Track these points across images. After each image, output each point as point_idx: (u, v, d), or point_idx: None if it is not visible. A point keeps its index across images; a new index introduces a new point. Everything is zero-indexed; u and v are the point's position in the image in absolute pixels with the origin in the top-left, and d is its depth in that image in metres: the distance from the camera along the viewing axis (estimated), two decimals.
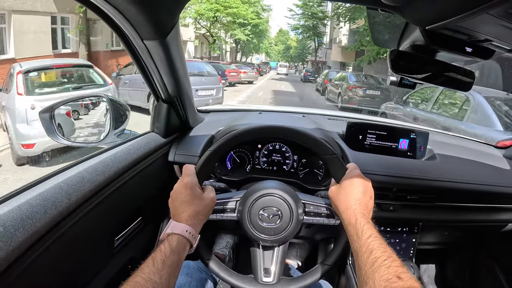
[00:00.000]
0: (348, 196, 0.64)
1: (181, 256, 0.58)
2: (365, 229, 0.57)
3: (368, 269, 0.50)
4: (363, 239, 0.55)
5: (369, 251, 0.53)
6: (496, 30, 0.55)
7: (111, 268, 0.85)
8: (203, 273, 0.86)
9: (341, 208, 0.64)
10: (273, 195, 0.70)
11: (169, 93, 0.95)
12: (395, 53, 0.71)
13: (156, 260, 0.53)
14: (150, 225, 1.02)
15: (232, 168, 1.09)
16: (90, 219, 0.68)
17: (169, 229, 0.60)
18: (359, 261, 0.54)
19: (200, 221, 0.64)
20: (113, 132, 1.03)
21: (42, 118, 0.95)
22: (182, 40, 0.82)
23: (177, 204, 0.64)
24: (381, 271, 0.49)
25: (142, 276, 0.50)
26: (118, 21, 0.69)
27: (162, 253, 0.55)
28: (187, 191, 0.64)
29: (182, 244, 0.58)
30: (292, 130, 0.71)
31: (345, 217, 0.62)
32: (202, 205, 0.65)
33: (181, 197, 0.64)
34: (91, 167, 0.74)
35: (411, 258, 1.10)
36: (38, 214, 0.56)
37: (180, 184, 0.66)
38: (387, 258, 0.50)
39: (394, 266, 0.49)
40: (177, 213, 0.63)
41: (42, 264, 0.57)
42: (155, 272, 0.51)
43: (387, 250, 0.52)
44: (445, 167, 1.05)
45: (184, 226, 0.60)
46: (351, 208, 0.62)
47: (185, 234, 0.59)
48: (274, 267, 0.71)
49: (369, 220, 0.60)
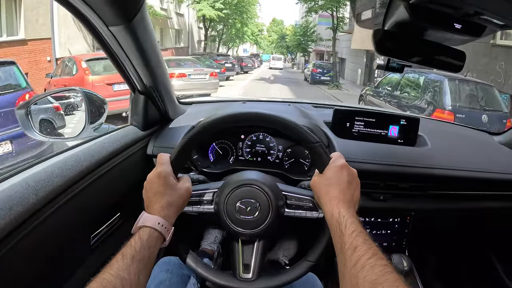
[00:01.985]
0: (331, 186, 0.60)
1: (152, 250, 0.54)
2: (348, 223, 0.53)
3: (351, 267, 0.47)
4: (346, 235, 0.52)
5: (352, 247, 0.49)
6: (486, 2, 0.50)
7: (89, 267, 0.82)
8: (185, 269, 0.83)
9: (323, 200, 0.60)
10: (251, 186, 0.66)
11: (144, 83, 0.90)
12: (380, 33, 0.67)
13: (125, 255, 0.50)
14: (130, 221, 0.98)
15: (215, 160, 1.05)
16: (61, 215, 0.65)
17: (140, 222, 0.57)
18: (341, 258, 0.51)
19: (174, 212, 0.60)
20: (89, 126, 0.98)
21: (18, 114, 0.92)
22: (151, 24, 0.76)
23: (149, 195, 0.61)
24: (365, 271, 0.45)
25: (111, 272, 0.47)
26: (79, 7, 0.64)
27: (132, 247, 0.51)
28: (160, 180, 0.60)
29: (154, 238, 0.55)
30: (271, 116, 0.66)
31: (327, 210, 0.58)
32: (176, 196, 0.61)
33: (154, 187, 0.60)
34: (61, 161, 0.71)
35: (403, 250, 1.07)
36: (2, 211, 0.53)
37: (153, 174, 0.62)
38: (371, 256, 0.47)
39: (379, 265, 0.45)
40: (149, 204, 0.60)
41: (8, 264, 0.53)
42: (124, 268, 0.48)
43: (371, 247, 0.49)
44: (437, 154, 1.01)
45: (156, 218, 0.57)
46: (335, 199, 0.58)
47: (157, 226, 0.56)
48: (254, 263, 0.67)
49: (353, 213, 0.56)
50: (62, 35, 9.61)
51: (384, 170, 0.94)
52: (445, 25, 0.59)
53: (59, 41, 9.61)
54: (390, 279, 0.43)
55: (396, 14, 0.63)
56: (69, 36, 9.79)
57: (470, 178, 0.99)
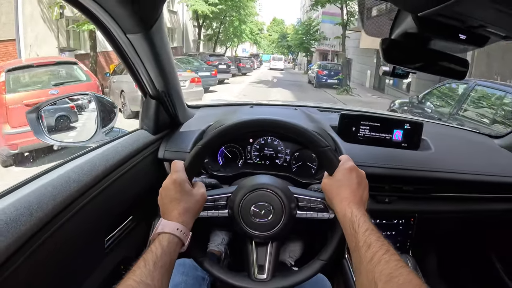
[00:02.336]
0: (342, 188, 0.63)
1: (173, 256, 0.56)
2: (361, 222, 0.56)
3: (367, 263, 0.50)
4: (360, 233, 0.54)
5: (366, 245, 0.52)
6: (491, 15, 0.53)
7: (104, 269, 0.83)
8: (199, 271, 0.84)
9: (335, 201, 0.63)
10: (264, 190, 0.68)
11: (156, 88, 0.92)
12: (387, 42, 0.69)
13: (147, 261, 0.51)
14: (141, 224, 1.00)
15: (224, 163, 1.07)
16: (78, 220, 0.67)
17: (160, 228, 0.58)
18: (356, 255, 0.53)
19: (191, 218, 0.62)
20: (101, 131, 1.00)
21: (29, 118, 0.93)
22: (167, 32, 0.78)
23: (166, 202, 0.62)
24: (381, 266, 0.48)
25: (134, 278, 0.48)
26: (99, 15, 0.66)
27: (153, 254, 0.53)
28: (176, 187, 0.62)
29: (174, 244, 0.57)
30: (282, 123, 0.69)
31: (339, 210, 0.61)
32: (193, 202, 0.63)
33: (170, 194, 0.62)
34: (77, 166, 0.72)
35: (407, 251, 1.09)
36: (23, 217, 0.54)
37: (168, 181, 0.63)
38: (385, 252, 0.49)
39: (393, 260, 0.48)
40: (167, 211, 0.61)
41: (29, 268, 0.55)
42: (147, 274, 0.49)
43: (384, 244, 0.51)
44: (440, 157, 1.04)
45: (175, 224, 0.58)
46: (346, 200, 0.61)
47: (176, 232, 0.57)
48: (268, 264, 0.69)
49: (364, 212, 0.59)
50: (28, 35, 8.06)
51: (389, 174, 0.97)
52: (450, 36, 0.61)
53: (25, 43, 7.97)
54: (404, 272, 0.46)
55: (404, 25, 0.65)
56: (37, 36, 8.29)
57: (472, 181, 1.02)
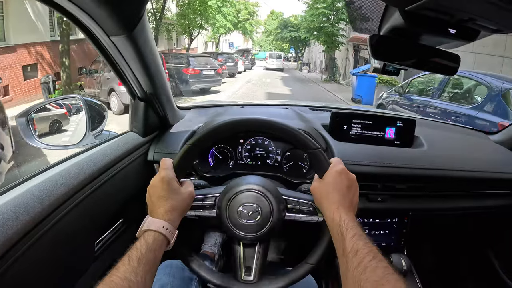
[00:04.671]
0: (332, 191, 0.62)
1: (157, 253, 0.55)
2: (349, 227, 0.55)
3: (354, 269, 0.49)
4: (348, 238, 0.53)
5: (354, 251, 0.51)
6: (480, 8, 0.52)
7: (93, 273, 0.82)
8: (187, 272, 0.83)
9: (324, 205, 0.62)
10: (252, 191, 0.67)
11: (144, 90, 0.91)
12: (376, 38, 0.68)
13: (131, 258, 0.51)
14: (132, 226, 0.99)
15: (215, 164, 1.05)
16: (66, 223, 0.66)
17: (145, 226, 0.58)
18: (343, 261, 0.52)
19: (177, 216, 0.61)
20: (90, 134, 0.99)
21: (18, 122, 0.92)
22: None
23: (153, 199, 0.61)
24: (367, 273, 0.47)
25: (118, 275, 0.48)
26: (81, 18, 0.65)
27: (138, 250, 0.52)
28: (164, 185, 0.61)
29: (159, 241, 0.56)
30: (273, 124, 0.68)
31: (328, 214, 0.60)
32: (180, 200, 0.62)
33: (158, 192, 0.61)
34: (65, 170, 0.71)
35: (402, 250, 1.08)
36: (9, 221, 0.54)
37: (156, 178, 0.63)
38: (372, 259, 0.49)
39: (380, 267, 0.47)
40: (153, 208, 0.61)
41: (16, 273, 0.54)
42: (131, 271, 0.49)
43: (372, 250, 0.51)
44: (433, 154, 1.03)
45: (161, 222, 0.58)
46: (335, 204, 0.60)
47: (162, 230, 0.57)
48: (255, 266, 0.68)
49: (353, 217, 0.58)
50: None
51: (382, 172, 0.96)
52: (439, 31, 0.60)
53: None
54: (392, 280, 0.45)
55: (392, 20, 0.64)
56: None
57: (466, 178, 1.01)
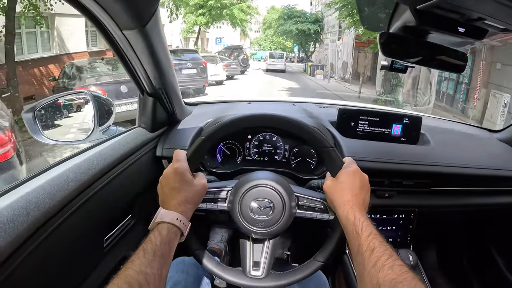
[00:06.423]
0: (346, 191, 0.62)
1: (172, 245, 0.55)
2: (364, 226, 0.56)
3: (371, 268, 0.50)
4: (363, 237, 0.54)
5: (370, 249, 0.52)
6: (489, 8, 0.52)
7: (103, 268, 0.83)
8: (200, 269, 0.84)
9: (337, 204, 0.62)
10: (265, 186, 0.67)
11: (153, 85, 0.91)
12: (386, 36, 0.69)
13: (146, 251, 0.51)
14: (141, 222, 1.00)
15: (223, 160, 1.06)
16: (76, 219, 0.66)
17: (159, 218, 0.57)
18: (359, 259, 0.53)
19: (190, 208, 0.61)
20: (98, 129, 0.99)
21: (25, 118, 0.92)
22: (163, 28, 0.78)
23: (166, 190, 0.61)
24: (384, 271, 0.48)
25: (133, 268, 0.48)
26: (94, 11, 0.65)
27: (153, 243, 0.52)
28: (177, 176, 0.61)
29: (173, 233, 0.56)
30: (289, 120, 0.68)
31: (342, 213, 0.60)
32: (193, 192, 0.62)
33: (171, 183, 0.61)
34: (75, 165, 0.71)
35: (408, 245, 1.09)
36: (20, 217, 0.54)
37: (169, 170, 0.62)
38: (389, 257, 0.50)
39: (397, 265, 0.48)
40: (166, 200, 0.60)
41: (27, 269, 0.54)
42: (146, 264, 0.49)
43: (388, 249, 0.52)
44: (439, 151, 1.04)
45: (174, 214, 0.57)
46: (348, 203, 0.60)
47: (176, 222, 0.57)
48: (264, 261, 0.69)
49: (366, 216, 0.59)
50: None
51: (389, 168, 0.96)
52: (449, 29, 0.61)
53: None
54: (408, 278, 0.46)
55: (402, 18, 0.65)
56: None
57: (471, 175, 1.02)
